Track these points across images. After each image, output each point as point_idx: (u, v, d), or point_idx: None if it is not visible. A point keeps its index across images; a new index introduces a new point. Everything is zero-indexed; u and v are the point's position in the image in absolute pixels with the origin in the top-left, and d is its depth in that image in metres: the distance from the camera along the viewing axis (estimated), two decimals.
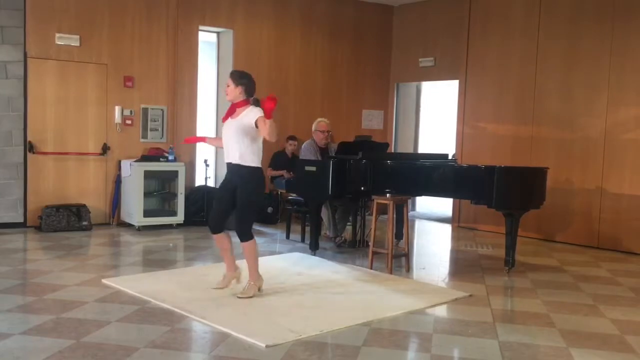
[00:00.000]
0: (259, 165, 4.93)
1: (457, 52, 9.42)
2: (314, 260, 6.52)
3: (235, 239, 5.00)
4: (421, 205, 11.10)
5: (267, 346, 3.88)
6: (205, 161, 8.62)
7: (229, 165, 4.95)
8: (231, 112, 4.95)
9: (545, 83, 8.33)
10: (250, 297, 4.90)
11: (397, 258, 6.41)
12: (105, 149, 8.19)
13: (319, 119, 7.52)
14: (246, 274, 5.04)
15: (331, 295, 5.17)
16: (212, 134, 9.48)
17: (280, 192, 8.86)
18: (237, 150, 4.85)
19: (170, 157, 8.27)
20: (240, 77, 4.92)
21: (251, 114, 4.79)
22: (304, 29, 9.71)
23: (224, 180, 5.10)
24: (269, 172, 8.54)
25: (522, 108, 8.57)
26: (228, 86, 4.93)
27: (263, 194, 5.31)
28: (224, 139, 4.98)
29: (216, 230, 5.05)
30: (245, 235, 4.91)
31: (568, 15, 8.10)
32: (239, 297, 4.90)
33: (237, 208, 4.93)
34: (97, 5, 8.07)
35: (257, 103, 4.90)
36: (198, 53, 8.87)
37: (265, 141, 4.93)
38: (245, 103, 4.90)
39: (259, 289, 5.01)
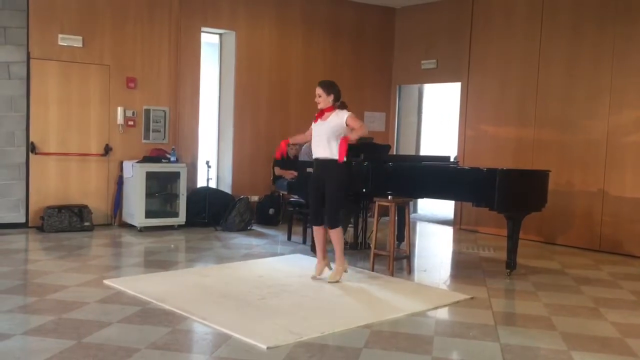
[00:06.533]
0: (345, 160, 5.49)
1: (459, 55, 9.42)
2: (315, 262, 6.50)
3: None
4: (423, 208, 11.11)
5: (268, 348, 3.89)
6: (207, 162, 8.61)
7: (318, 160, 5.58)
8: (321, 115, 5.60)
9: (547, 85, 8.32)
10: (338, 281, 5.52)
11: (399, 260, 6.42)
12: (107, 149, 8.20)
13: None
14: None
15: (332, 297, 5.17)
16: (214, 136, 9.51)
17: (282, 194, 8.87)
18: (328, 147, 5.48)
19: (172, 158, 8.27)
20: (331, 87, 5.58)
21: (339, 116, 5.50)
22: (306, 31, 9.72)
23: (313, 178, 5.70)
24: (277, 172, 8.50)
25: (524, 110, 8.57)
26: (319, 96, 5.55)
27: (348, 184, 5.83)
28: (314, 139, 5.60)
29: (317, 222, 5.68)
30: (335, 223, 5.53)
31: (570, 17, 8.10)
32: (330, 282, 5.51)
33: (327, 199, 5.53)
34: (99, 6, 8.09)
35: (343, 106, 5.58)
36: (200, 54, 8.88)
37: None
38: (333, 108, 5.54)
39: (345, 271, 5.66)
